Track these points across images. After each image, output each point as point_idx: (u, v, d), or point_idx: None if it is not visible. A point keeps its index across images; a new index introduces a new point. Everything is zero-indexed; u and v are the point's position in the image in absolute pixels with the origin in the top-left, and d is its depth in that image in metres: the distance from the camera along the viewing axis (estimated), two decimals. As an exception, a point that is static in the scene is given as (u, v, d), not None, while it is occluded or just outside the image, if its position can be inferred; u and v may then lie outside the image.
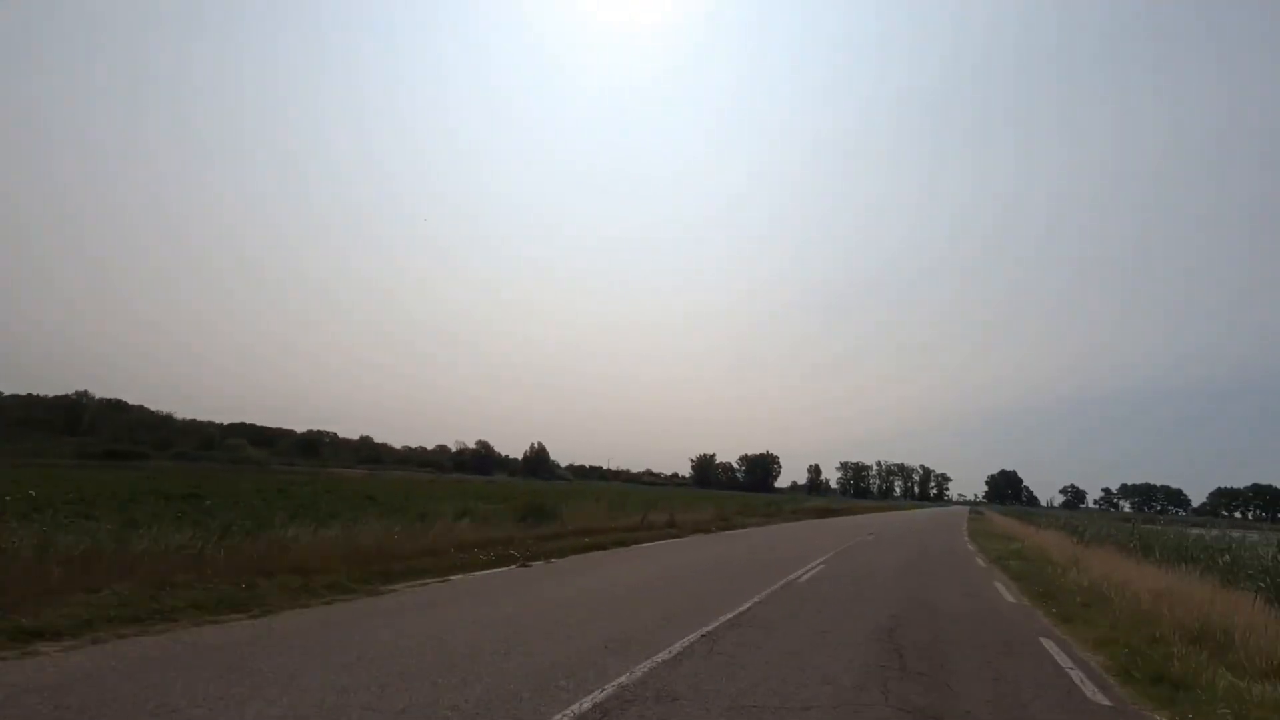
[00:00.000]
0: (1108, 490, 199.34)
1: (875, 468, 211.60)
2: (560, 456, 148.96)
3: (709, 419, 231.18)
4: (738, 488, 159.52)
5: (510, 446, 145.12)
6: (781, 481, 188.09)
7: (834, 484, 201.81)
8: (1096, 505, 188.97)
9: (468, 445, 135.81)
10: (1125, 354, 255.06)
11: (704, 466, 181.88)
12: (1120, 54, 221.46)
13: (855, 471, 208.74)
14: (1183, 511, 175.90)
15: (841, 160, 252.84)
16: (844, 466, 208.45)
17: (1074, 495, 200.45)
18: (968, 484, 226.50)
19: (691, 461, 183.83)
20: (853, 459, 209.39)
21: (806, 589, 10.98)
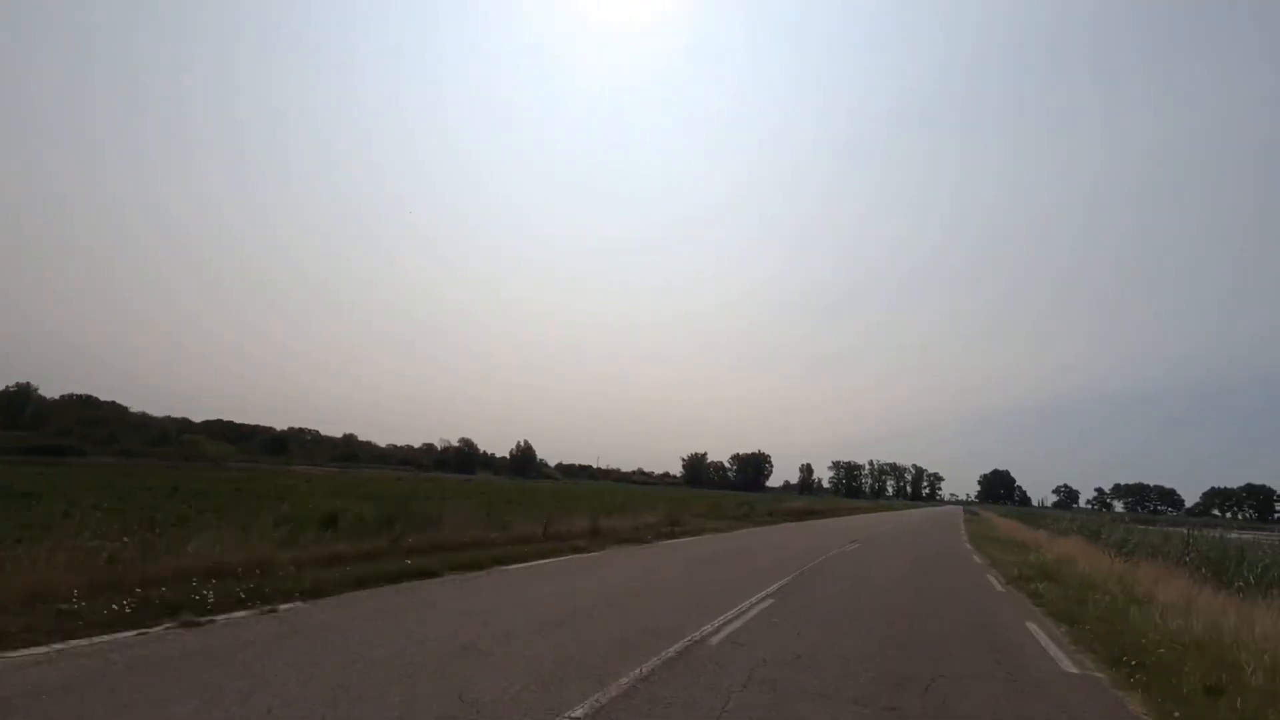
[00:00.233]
0: (1100, 490, 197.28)
1: (868, 467, 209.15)
2: (553, 456, 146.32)
3: (702, 418, 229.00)
4: (729, 487, 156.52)
5: (501, 446, 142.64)
6: (774, 481, 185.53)
7: (826, 483, 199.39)
8: (1089, 505, 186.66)
9: (451, 443, 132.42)
10: (1118, 354, 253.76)
11: (695, 465, 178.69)
12: (1111, 61, 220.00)
13: (848, 471, 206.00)
14: (1175, 512, 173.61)
15: (841, 161, 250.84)
16: (836, 466, 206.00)
17: (1067, 495, 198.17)
18: (960, 484, 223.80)
19: (683, 460, 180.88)
20: (845, 458, 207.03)
21: (674, 690, 4.98)
